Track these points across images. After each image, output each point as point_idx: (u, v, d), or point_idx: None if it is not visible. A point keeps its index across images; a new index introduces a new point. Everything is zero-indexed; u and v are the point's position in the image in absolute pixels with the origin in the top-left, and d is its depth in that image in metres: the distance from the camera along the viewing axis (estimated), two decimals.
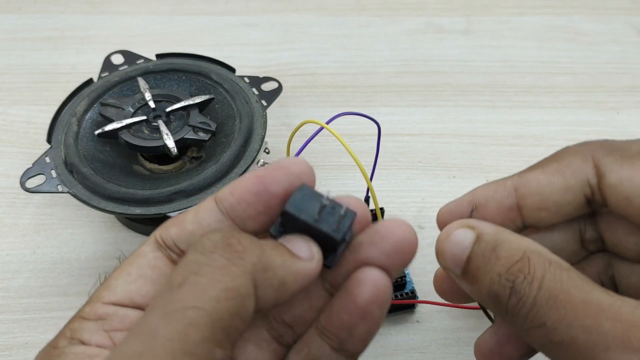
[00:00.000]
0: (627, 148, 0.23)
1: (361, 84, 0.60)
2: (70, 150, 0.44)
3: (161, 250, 0.23)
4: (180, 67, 0.50)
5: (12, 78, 0.61)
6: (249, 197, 0.23)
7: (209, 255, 0.19)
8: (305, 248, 0.22)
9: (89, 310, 0.22)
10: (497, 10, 0.68)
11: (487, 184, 0.26)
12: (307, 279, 0.22)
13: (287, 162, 0.23)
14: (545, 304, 0.21)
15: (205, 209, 0.23)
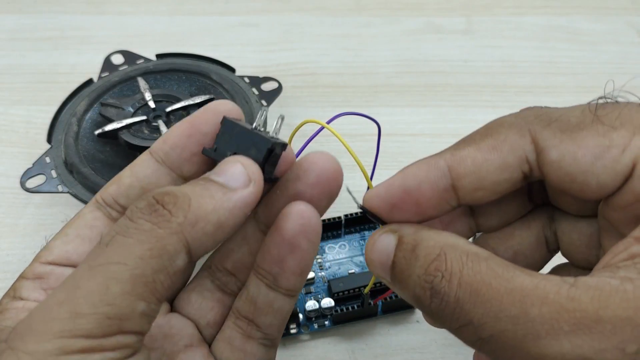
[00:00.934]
0: (565, 120, 0.21)
1: (361, 84, 0.60)
2: (70, 150, 0.44)
3: (100, 209, 0.24)
4: (180, 67, 0.50)
5: (12, 78, 0.61)
6: (182, 140, 0.23)
7: (136, 220, 0.20)
8: (241, 172, 0.22)
9: (28, 270, 0.23)
10: (497, 10, 0.68)
11: (418, 163, 0.24)
12: (247, 208, 0.21)
13: (216, 104, 0.24)
14: (468, 301, 0.19)
15: (141, 161, 0.24)
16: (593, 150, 0.20)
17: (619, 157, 0.19)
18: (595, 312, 0.17)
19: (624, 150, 0.19)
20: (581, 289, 0.18)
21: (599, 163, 0.19)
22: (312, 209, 0.23)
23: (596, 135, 0.20)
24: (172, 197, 0.20)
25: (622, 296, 0.17)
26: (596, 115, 0.20)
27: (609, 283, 0.18)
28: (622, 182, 0.19)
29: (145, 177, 0.24)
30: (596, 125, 0.20)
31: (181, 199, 0.20)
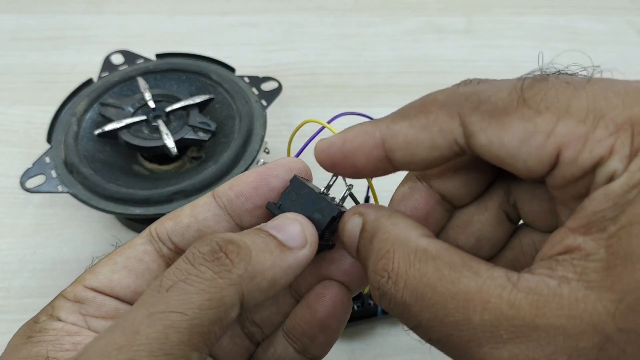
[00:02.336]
0: (493, 102, 0.21)
1: (361, 84, 0.60)
2: (70, 150, 0.44)
3: (152, 243, 0.24)
4: (180, 67, 0.50)
5: (12, 78, 0.61)
6: (248, 191, 0.24)
7: (198, 266, 0.20)
8: (299, 233, 0.22)
9: (70, 291, 0.23)
10: (497, 10, 0.68)
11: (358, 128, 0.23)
12: (300, 268, 0.22)
13: (287, 160, 0.24)
14: (415, 304, 0.19)
15: (203, 203, 0.24)
16: (519, 136, 0.19)
17: (543, 144, 0.19)
18: (532, 320, 0.17)
19: (548, 136, 0.19)
20: (522, 293, 0.18)
21: (524, 149, 0.19)
22: (345, 292, 0.24)
23: (522, 120, 0.19)
24: (235, 246, 0.20)
25: (558, 302, 0.17)
26: (523, 97, 0.20)
27: (547, 285, 0.18)
28: (550, 168, 0.19)
29: (205, 219, 0.24)
30: (522, 108, 0.20)
31: (244, 250, 0.20)
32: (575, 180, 0.19)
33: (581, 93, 0.19)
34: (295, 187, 0.23)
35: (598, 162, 0.18)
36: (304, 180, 0.24)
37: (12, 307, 0.43)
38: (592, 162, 0.18)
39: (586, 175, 0.18)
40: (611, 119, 0.18)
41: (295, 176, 0.24)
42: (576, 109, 0.18)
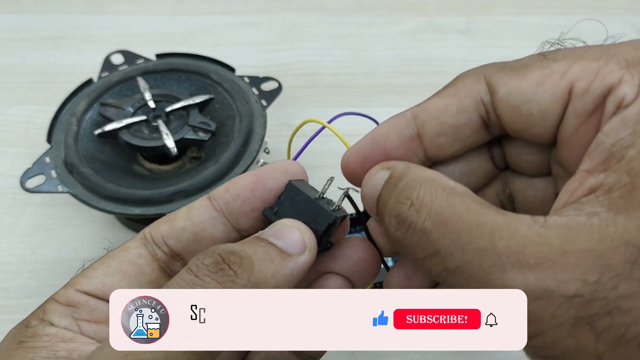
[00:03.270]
0: (516, 63, 0.22)
1: (361, 84, 0.60)
2: (70, 150, 0.44)
3: (147, 247, 0.24)
4: (180, 67, 0.50)
5: (12, 78, 0.61)
6: (245, 193, 0.23)
7: (203, 277, 0.20)
8: (298, 239, 0.22)
9: (62, 294, 0.23)
10: (497, 10, 0.68)
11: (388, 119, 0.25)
12: (301, 274, 0.22)
13: (283, 163, 0.24)
14: (437, 230, 0.19)
15: (199, 206, 0.24)
16: (536, 80, 0.21)
17: (558, 82, 0.20)
18: (561, 247, 0.18)
19: (562, 76, 0.20)
20: (551, 229, 0.18)
21: (539, 89, 0.20)
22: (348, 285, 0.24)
23: (540, 68, 0.21)
24: (237, 257, 0.21)
25: (588, 230, 0.18)
26: (543, 55, 0.22)
27: (577, 220, 0.18)
28: (563, 106, 0.20)
29: (201, 222, 0.24)
30: (542, 61, 0.21)
31: (246, 260, 0.21)
32: (585, 118, 0.20)
33: (595, 49, 0.21)
34: (290, 192, 0.23)
35: (608, 90, 0.19)
36: (298, 186, 0.24)
37: (12, 307, 0.43)
38: (603, 90, 0.19)
39: (596, 110, 0.19)
40: (622, 57, 0.19)
41: (290, 182, 0.24)
42: (590, 54, 0.20)
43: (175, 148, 0.44)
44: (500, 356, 0.41)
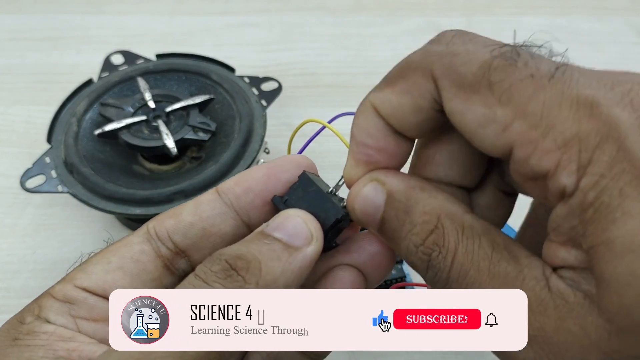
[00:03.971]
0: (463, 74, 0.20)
1: (361, 84, 0.60)
2: (70, 150, 0.44)
3: (150, 242, 0.23)
4: (180, 67, 0.50)
5: (12, 78, 0.61)
6: (258, 186, 0.23)
7: (212, 284, 0.20)
8: (302, 228, 0.22)
9: (59, 290, 0.22)
10: (497, 10, 0.68)
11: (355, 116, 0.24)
12: (310, 265, 0.22)
13: (295, 156, 0.24)
14: (457, 280, 0.20)
15: (207, 200, 0.23)
16: (479, 119, 0.20)
17: (500, 134, 0.19)
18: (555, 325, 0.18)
19: (504, 130, 0.19)
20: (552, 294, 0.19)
21: (482, 132, 0.20)
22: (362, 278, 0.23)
23: (484, 105, 0.20)
24: (244, 262, 0.20)
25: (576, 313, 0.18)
26: (489, 81, 0.20)
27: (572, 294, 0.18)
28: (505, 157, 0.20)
29: (210, 217, 0.23)
30: (486, 92, 0.20)
31: (253, 264, 0.20)
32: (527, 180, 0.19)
33: (540, 94, 0.19)
34: (303, 183, 0.23)
35: (547, 174, 0.18)
36: (312, 177, 0.23)
37: (12, 307, 0.43)
38: (541, 171, 0.18)
39: (538, 179, 0.19)
40: (560, 132, 0.18)
41: (304, 172, 0.23)
42: (532, 112, 0.19)
43: (175, 148, 0.44)
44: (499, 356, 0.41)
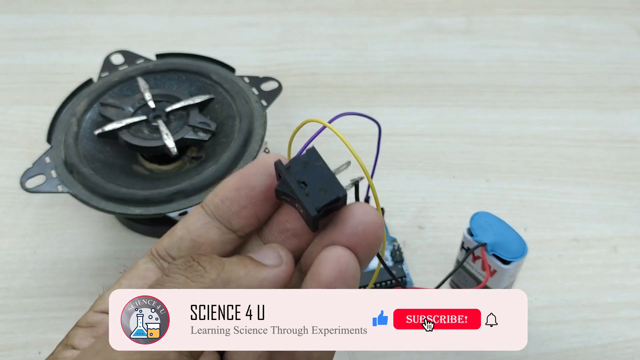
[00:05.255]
0: None
1: (361, 84, 0.60)
2: (70, 150, 0.44)
3: (154, 261, 0.25)
4: (180, 67, 0.50)
5: (12, 78, 0.61)
6: (231, 193, 0.24)
7: (172, 274, 0.21)
8: (273, 255, 0.23)
9: (82, 319, 0.24)
10: (497, 10, 0.68)
11: None
12: (277, 283, 0.22)
13: (264, 157, 0.25)
14: None
15: (192, 215, 0.25)
16: None
17: None
18: None
19: None
20: None
21: None
22: (350, 254, 0.23)
23: None
24: (207, 257, 0.21)
25: None
26: None
27: None
28: None
29: (196, 229, 0.24)
30: None
31: (216, 260, 0.21)
32: None
33: None
34: (310, 156, 0.24)
35: None
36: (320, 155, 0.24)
37: (12, 307, 0.43)
38: None
39: None
40: None
41: (313, 147, 0.24)
42: None
43: (175, 148, 0.44)
44: (500, 356, 0.41)
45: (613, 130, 0.56)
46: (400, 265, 0.44)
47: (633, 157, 0.53)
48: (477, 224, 0.37)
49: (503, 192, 0.50)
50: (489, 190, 0.51)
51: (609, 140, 0.55)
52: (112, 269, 0.46)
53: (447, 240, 0.47)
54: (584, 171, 0.52)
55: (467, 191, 0.50)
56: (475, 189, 0.51)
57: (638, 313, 0.43)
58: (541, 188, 0.51)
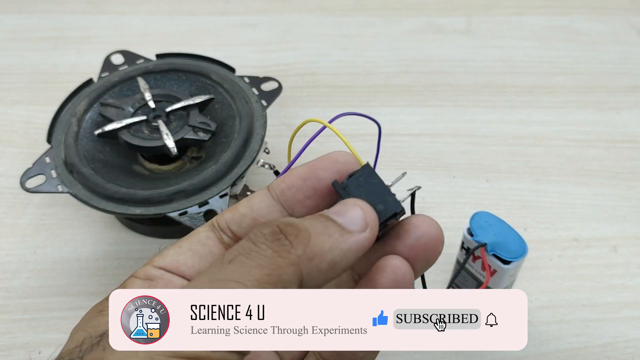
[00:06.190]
0: None
1: (361, 84, 0.60)
2: (70, 150, 0.44)
3: (214, 231, 0.25)
4: (180, 67, 0.50)
5: (12, 78, 0.61)
6: (299, 182, 0.25)
7: (260, 245, 0.21)
8: (360, 217, 0.23)
9: (141, 271, 0.24)
10: (497, 10, 0.68)
11: None
12: (360, 252, 0.22)
13: (335, 154, 0.26)
14: None
15: (258, 195, 0.26)
16: None
17: None
18: None
19: None
20: None
21: None
22: (407, 266, 0.24)
23: None
24: (294, 229, 0.21)
25: None
26: None
27: None
28: None
29: (259, 209, 0.25)
30: None
31: (303, 232, 0.21)
32: None
33: None
34: (365, 173, 0.24)
35: None
36: (374, 170, 0.24)
37: (12, 307, 0.43)
38: None
39: None
40: None
41: (367, 163, 0.25)
42: None
43: (175, 148, 0.44)
44: (500, 356, 0.41)
45: (613, 130, 0.56)
46: None
47: (633, 157, 0.53)
48: (477, 224, 0.37)
49: (503, 192, 0.50)
50: (489, 190, 0.51)
51: (609, 140, 0.55)
52: (112, 269, 0.46)
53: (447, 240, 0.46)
54: (583, 171, 0.52)
55: (467, 191, 0.50)
56: (475, 189, 0.51)
57: (638, 313, 0.43)
58: (541, 188, 0.51)
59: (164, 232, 0.47)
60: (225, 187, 0.42)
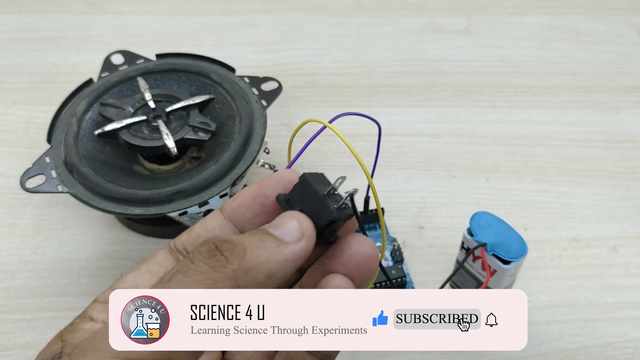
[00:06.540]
0: None
1: (361, 84, 0.60)
2: (70, 150, 0.44)
3: (172, 254, 0.26)
4: (180, 67, 0.50)
5: (12, 78, 0.61)
6: (248, 201, 0.26)
7: (197, 262, 0.22)
8: (295, 228, 0.23)
9: (101, 296, 0.25)
10: (497, 10, 0.68)
11: None
12: (297, 261, 0.23)
13: (282, 172, 0.27)
14: None
15: (211, 216, 0.26)
16: None
17: None
18: None
19: None
20: None
21: None
22: (348, 282, 0.24)
23: None
24: (230, 244, 0.22)
25: None
26: None
27: None
28: None
29: (213, 229, 0.26)
30: None
31: (238, 247, 0.22)
32: None
33: None
34: (302, 185, 0.25)
35: None
36: (311, 180, 0.25)
37: (12, 307, 0.43)
38: None
39: None
40: None
41: (304, 174, 0.25)
42: None
43: (175, 148, 0.44)
44: (500, 356, 0.41)
45: (613, 130, 0.56)
46: (400, 265, 0.44)
47: (633, 157, 0.53)
48: (477, 224, 0.37)
49: (503, 192, 0.50)
50: (489, 190, 0.51)
51: (609, 140, 0.55)
52: (112, 269, 0.46)
53: (447, 240, 0.47)
54: (583, 171, 0.52)
55: (467, 191, 0.50)
56: (475, 189, 0.51)
57: (638, 313, 0.43)
58: (541, 188, 0.51)
59: (164, 232, 0.47)
60: (225, 187, 0.42)
